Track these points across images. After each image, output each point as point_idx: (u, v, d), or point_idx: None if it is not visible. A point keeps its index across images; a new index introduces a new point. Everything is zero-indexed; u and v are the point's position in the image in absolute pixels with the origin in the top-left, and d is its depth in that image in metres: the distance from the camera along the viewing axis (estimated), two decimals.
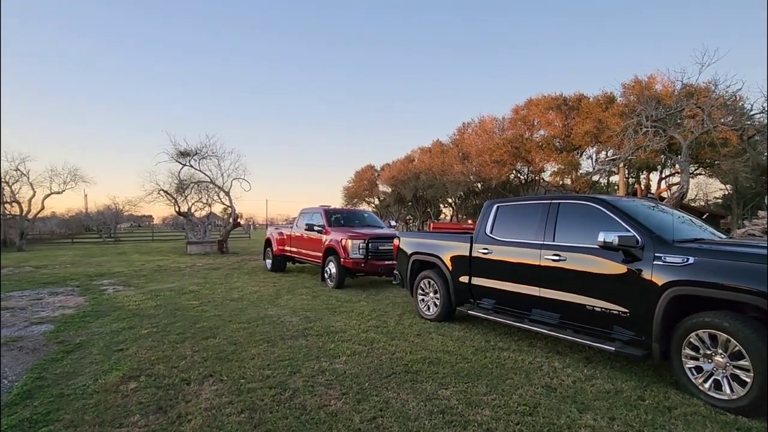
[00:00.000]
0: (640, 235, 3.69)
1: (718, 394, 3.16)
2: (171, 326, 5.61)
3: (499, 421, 2.91)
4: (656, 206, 4.77)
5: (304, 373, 3.82)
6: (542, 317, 4.50)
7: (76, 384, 3.63)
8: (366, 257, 8.54)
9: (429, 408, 3.11)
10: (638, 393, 3.41)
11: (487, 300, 5.20)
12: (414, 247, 6.37)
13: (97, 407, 3.17)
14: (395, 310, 6.62)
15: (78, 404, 3.22)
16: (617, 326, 3.83)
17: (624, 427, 2.85)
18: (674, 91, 14.77)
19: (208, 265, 13.77)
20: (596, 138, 26.24)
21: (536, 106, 30.18)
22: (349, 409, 3.10)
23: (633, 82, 25.94)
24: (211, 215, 25.44)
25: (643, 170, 30.65)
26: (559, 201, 4.63)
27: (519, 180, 35.40)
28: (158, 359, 4.25)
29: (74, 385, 3.61)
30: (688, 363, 3.36)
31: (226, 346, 4.70)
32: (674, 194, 9.70)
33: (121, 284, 9.56)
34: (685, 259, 3.37)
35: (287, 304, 7.11)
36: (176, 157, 19.34)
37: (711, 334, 3.20)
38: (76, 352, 4.58)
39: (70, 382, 3.69)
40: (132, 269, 12.58)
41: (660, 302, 3.44)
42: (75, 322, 5.91)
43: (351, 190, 50.87)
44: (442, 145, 39.25)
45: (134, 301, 7.36)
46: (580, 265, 4.10)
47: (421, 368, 3.95)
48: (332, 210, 10.88)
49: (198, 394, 3.38)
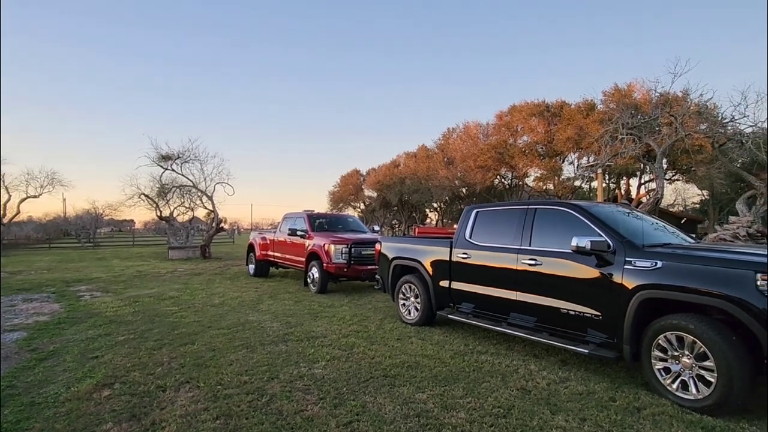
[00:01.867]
0: (611, 240, 3.80)
1: (685, 394, 3.26)
2: (148, 333, 5.53)
3: (473, 423, 2.96)
4: (630, 212, 4.91)
5: (282, 379, 3.81)
6: (520, 321, 4.58)
7: (47, 392, 3.56)
8: (349, 262, 8.55)
9: (405, 412, 3.13)
10: (610, 394, 3.49)
11: (467, 304, 5.26)
12: (395, 252, 6.42)
13: (68, 415, 3.11)
14: (377, 315, 6.64)
15: (49, 413, 3.16)
16: (591, 329, 3.92)
17: (594, 427, 2.92)
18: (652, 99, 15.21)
19: (189, 270, 13.59)
20: (577, 144, 26.73)
21: (519, 112, 30.65)
22: (325, 413, 3.11)
23: (613, 89, 26.57)
24: (194, 220, 25.09)
25: (623, 176, 31.34)
26: (536, 206, 4.73)
27: (503, 185, 35.83)
28: (134, 366, 4.19)
29: (46, 393, 3.54)
30: (657, 364, 3.46)
31: (205, 352, 4.66)
32: (650, 200, 9.96)
33: (99, 290, 9.37)
34: (654, 263, 3.48)
35: (269, 310, 7.07)
36: (158, 160, 19.08)
37: (678, 336, 3.30)
38: (50, 359, 4.49)
39: (41, 390, 3.62)
40: (111, 275, 12.34)
41: (630, 305, 3.54)
42: (49, 329, 5.78)
43: (337, 195, 50.79)
44: (428, 150, 39.54)
45: (112, 308, 7.23)
46: (555, 270, 4.19)
47: (400, 372, 3.98)
48: (315, 215, 10.86)
49: (173, 401, 3.34)
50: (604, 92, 26.94)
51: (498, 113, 32.72)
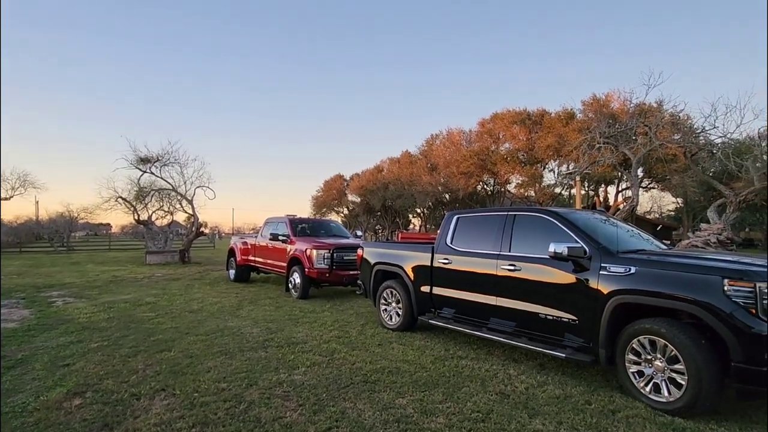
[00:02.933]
0: (587, 246, 3.89)
1: (658, 397, 3.34)
2: (123, 339, 5.39)
3: (452, 428, 2.97)
4: (606, 219, 5.03)
5: (261, 386, 3.76)
6: (499, 326, 4.63)
7: (15, 401, 3.43)
8: (331, 267, 8.51)
9: (385, 417, 3.13)
10: (586, 398, 3.56)
11: (448, 309, 5.30)
12: (377, 257, 6.42)
13: (37, 425, 3.00)
14: (358, 321, 6.62)
15: (16, 423, 3.05)
16: (568, 333, 3.99)
17: (570, 430, 2.97)
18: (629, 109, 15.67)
19: (168, 275, 13.31)
20: (558, 152, 27.30)
21: (501, 119, 31.16)
22: (304, 420, 3.08)
23: (591, 99, 27.31)
24: (173, 224, 24.60)
25: (601, 183, 32.11)
26: (515, 213, 4.80)
27: (485, 191, 36.28)
28: (107, 374, 4.08)
29: (13, 402, 3.41)
30: (631, 368, 3.55)
31: (182, 359, 4.57)
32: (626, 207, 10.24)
33: (72, 296, 9.09)
34: (628, 269, 3.57)
35: (249, 315, 6.97)
36: (136, 163, 18.65)
37: (651, 340, 3.40)
38: (18, 368, 4.33)
39: (9, 399, 3.48)
40: (85, 280, 11.99)
41: (605, 310, 3.63)
42: (18, 336, 5.58)
43: (320, 200, 50.60)
44: (411, 156, 39.77)
45: (85, 314, 7.02)
46: (533, 275, 4.26)
47: (380, 378, 3.98)
48: (297, 219, 10.79)
49: (148, 409, 3.26)
50: (583, 102, 27.68)
51: (480, 120, 33.21)
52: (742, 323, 2.96)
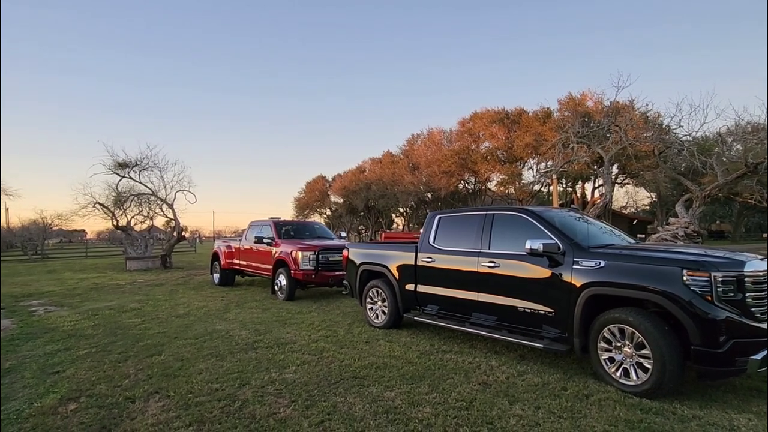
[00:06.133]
0: (561, 242, 4.13)
1: (627, 381, 3.61)
2: (111, 345, 5.41)
3: (438, 416, 3.16)
4: (579, 216, 5.31)
5: (253, 385, 3.88)
6: (481, 320, 4.85)
7: (9, 409, 3.47)
8: (316, 268, 8.63)
9: (374, 409, 3.30)
10: (562, 384, 3.80)
11: (432, 306, 5.50)
12: (362, 258, 6.58)
13: (34, 430, 3.07)
14: (345, 320, 6.77)
15: (13, 429, 3.11)
16: (545, 325, 4.23)
17: (547, 414, 3.19)
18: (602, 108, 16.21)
19: (150, 281, 13.18)
20: (536, 150, 27.91)
21: (481, 119, 31.67)
22: (298, 415, 3.23)
23: (567, 98, 28.00)
24: (153, 229, 24.20)
25: (578, 181, 32.95)
26: (494, 212, 5.03)
27: (467, 190, 36.79)
28: (99, 379, 4.13)
29: (7, 410, 3.45)
30: (603, 355, 3.80)
31: (173, 362, 4.64)
32: (599, 204, 10.66)
33: (53, 305, 8.97)
34: (598, 262, 3.83)
35: (236, 318, 7.04)
36: (114, 168, 18.34)
37: (620, 328, 3.65)
38: (7, 377, 4.33)
39: (2, 407, 3.52)
40: (64, 288, 11.79)
41: (579, 302, 3.87)
42: (2, 346, 5.54)
43: (302, 201, 50.39)
44: (393, 156, 40.03)
45: (69, 322, 6.98)
46: (512, 271, 4.49)
47: (369, 373, 4.14)
48: (282, 222, 10.86)
49: (144, 411, 3.35)
50: (559, 101, 28.35)
51: (461, 120, 33.65)
52: (700, 310, 3.24)
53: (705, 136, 11.77)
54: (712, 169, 9.47)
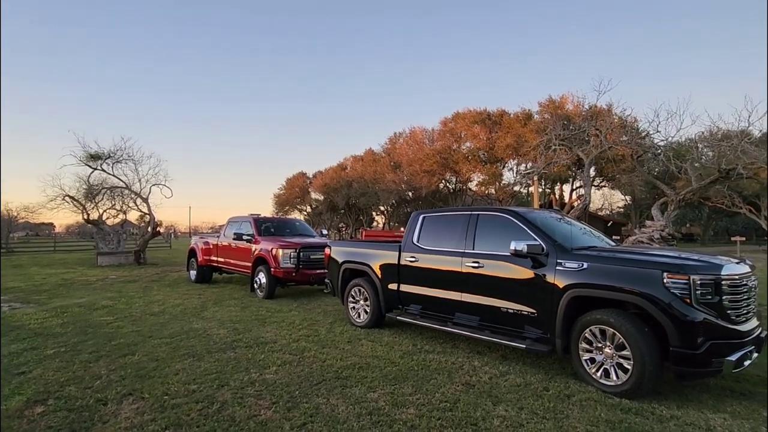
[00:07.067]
0: (545, 243, 4.16)
1: (608, 381, 3.65)
2: (82, 345, 5.19)
3: (422, 418, 3.13)
4: (561, 218, 5.38)
5: (232, 386, 3.77)
6: (464, 320, 4.85)
7: None
8: (297, 266, 8.50)
9: (357, 411, 3.25)
10: (544, 384, 3.82)
11: (415, 306, 5.47)
12: (345, 256, 6.51)
13: None
14: (327, 319, 6.68)
15: None
16: (528, 326, 4.26)
17: (530, 414, 3.20)
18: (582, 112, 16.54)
19: (123, 277, 12.77)
20: (516, 151, 28.34)
21: (463, 119, 31.92)
22: (279, 417, 3.14)
23: (547, 101, 28.49)
24: (126, 223, 23.47)
25: (557, 182, 33.60)
26: (478, 212, 5.04)
27: (448, 189, 37.03)
28: (68, 380, 3.94)
29: None
30: (584, 355, 3.84)
31: (147, 362, 4.48)
32: (579, 205, 10.85)
33: (18, 301, 8.57)
34: (581, 264, 3.86)
35: (214, 317, 6.87)
36: (86, 160, 17.66)
37: (601, 329, 3.70)
38: None
39: None
40: (31, 284, 11.31)
41: (561, 303, 3.91)
42: None
43: (282, 198, 49.83)
44: (375, 154, 39.95)
45: (36, 320, 6.67)
46: (495, 271, 4.50)
47: (351, 374, 4.09)
48: (262, 219, 10.67)
49: (116, 414, 3.21)
50: (540, 103, 28.81)
51: (443, 120, 33.85)
52: (679, 312, 3.31)
53: (679, 141, 12.11)
54: (687, 173, 9.75)
